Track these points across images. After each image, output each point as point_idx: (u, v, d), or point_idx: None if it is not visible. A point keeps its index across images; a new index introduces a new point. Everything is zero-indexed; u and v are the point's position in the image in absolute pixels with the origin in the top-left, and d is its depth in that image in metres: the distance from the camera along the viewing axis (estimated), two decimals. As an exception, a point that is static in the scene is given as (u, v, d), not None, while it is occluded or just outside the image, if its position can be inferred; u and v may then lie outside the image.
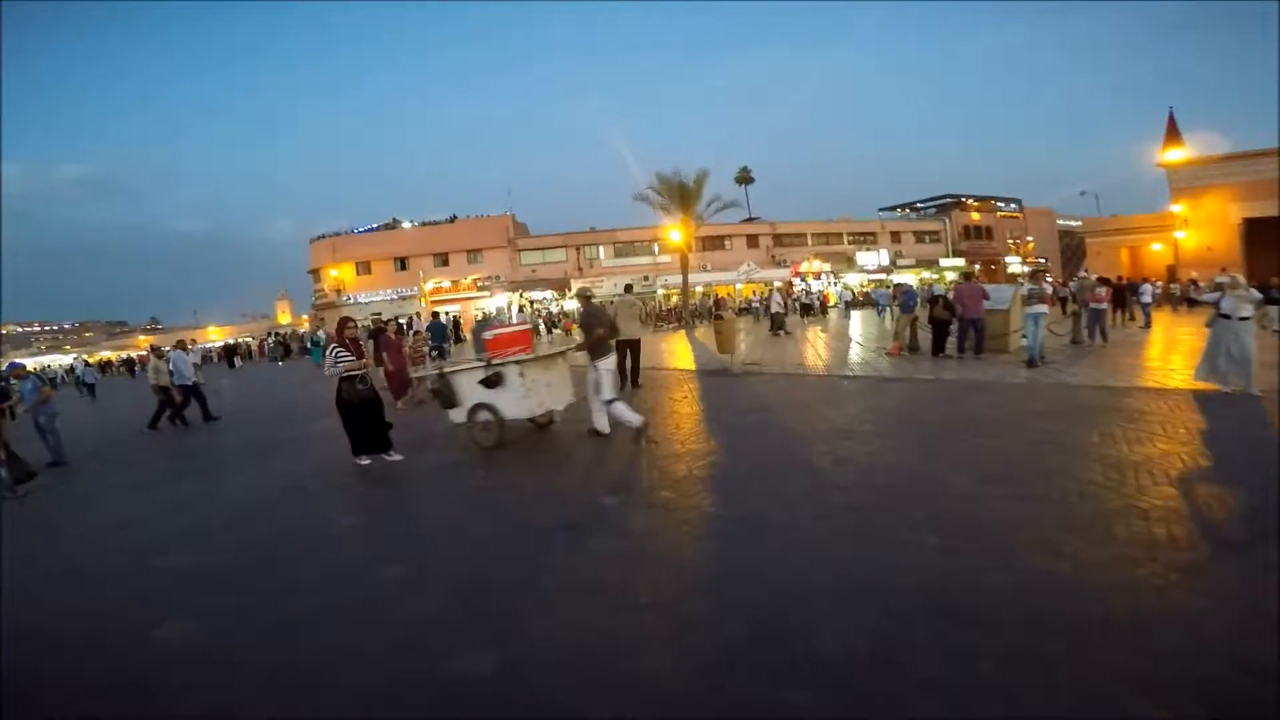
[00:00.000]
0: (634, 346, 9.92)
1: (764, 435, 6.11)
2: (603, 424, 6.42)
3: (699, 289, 40.36)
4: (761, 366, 11.05)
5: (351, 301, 43.12)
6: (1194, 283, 25.35)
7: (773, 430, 6.30)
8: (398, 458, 6.24)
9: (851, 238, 47.74)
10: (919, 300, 11.61)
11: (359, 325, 6.60)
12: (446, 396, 6.55)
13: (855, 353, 12.74)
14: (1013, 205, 56.64)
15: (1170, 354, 10.56)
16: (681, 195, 28.48)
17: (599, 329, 6.28)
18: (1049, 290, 9.86)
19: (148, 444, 9.52)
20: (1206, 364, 7.15)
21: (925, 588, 2.88)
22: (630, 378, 9.75)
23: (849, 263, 44.81)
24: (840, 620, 2.67)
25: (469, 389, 6.43)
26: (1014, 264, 48.80)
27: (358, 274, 44.70)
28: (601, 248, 42.80)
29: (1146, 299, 15.82)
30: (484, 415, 6.34)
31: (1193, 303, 24.24)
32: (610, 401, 6.16)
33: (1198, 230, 29.29)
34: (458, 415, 6.52)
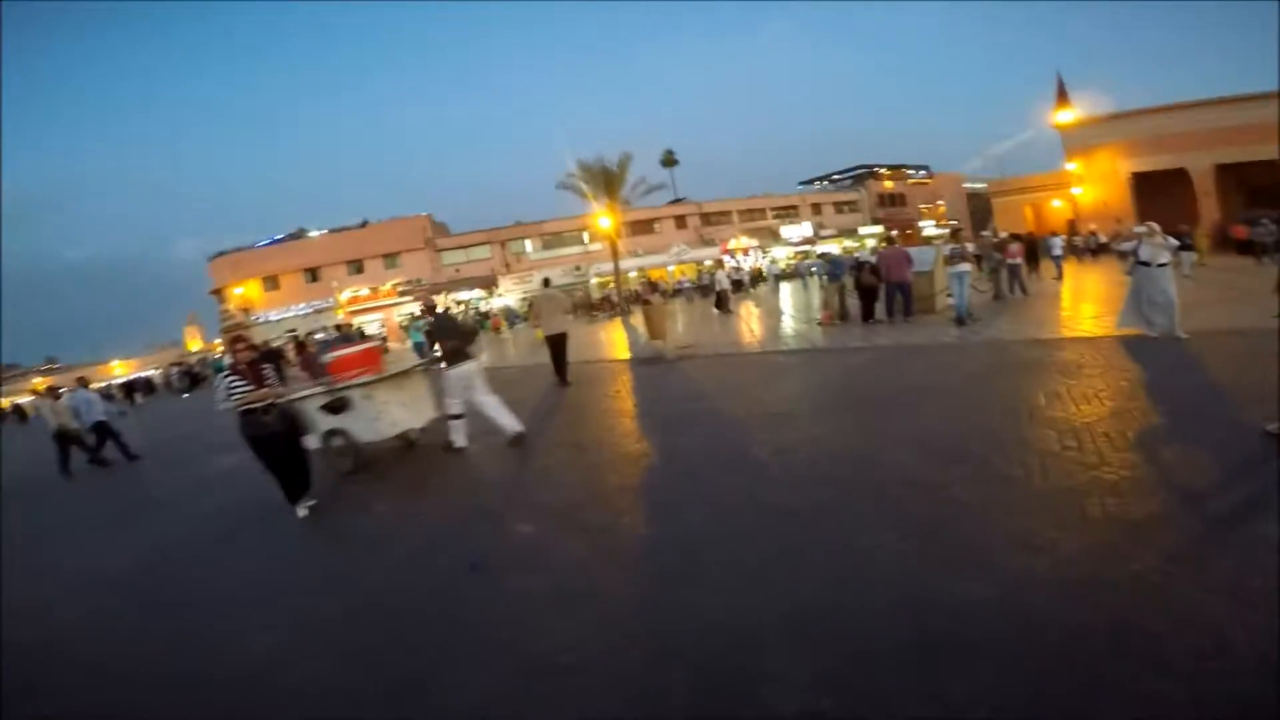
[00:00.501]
0: (560, 341, 9.44)
1: (699, 428, 5.56)
2: (459, 439, 6.10)
3: (632, 274, 39.84)
4: (696, 349, 10.57)
5: (262, 320, 40.14)
6: (1093, 234, 26.87)
7: (708, 421, 5.76)
8: (304, 508, 4.84)
9: (775, 212, 48.28)
10: (845, 268, 11.38)
11: (263, 343, 5.57)
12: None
13: (788, 325, 12.48)
14: (922, 172, 58.96)
15: (1086, 303, 10.78)
16: (606, 181, 27.70)
17: (449, 341, 5.87)
18: (970, 249, 9.80)
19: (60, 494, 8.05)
20: (1130, 311, 7.14)
21: (894, 611, 2.37)
22: (559, 375, 9.32)
23: (775, 237, 45.32)
24: (799, 668, 2.13)
25: (315, 415, 5.76)
26: (928, 228, 50.74)
27: (265, 289, 41.65)
28: (528, 241, 41.48)
29: (1057, 252, 16.38)
30: (338, 441, 5.87)
31: (1095, 252, 25.72)
32: (456, 416, 5.93)
33: (1093, 186, 31.02)
34: (311, 441, 5.64)
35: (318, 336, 22.39)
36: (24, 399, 28.98)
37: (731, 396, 6.68)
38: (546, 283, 11.03)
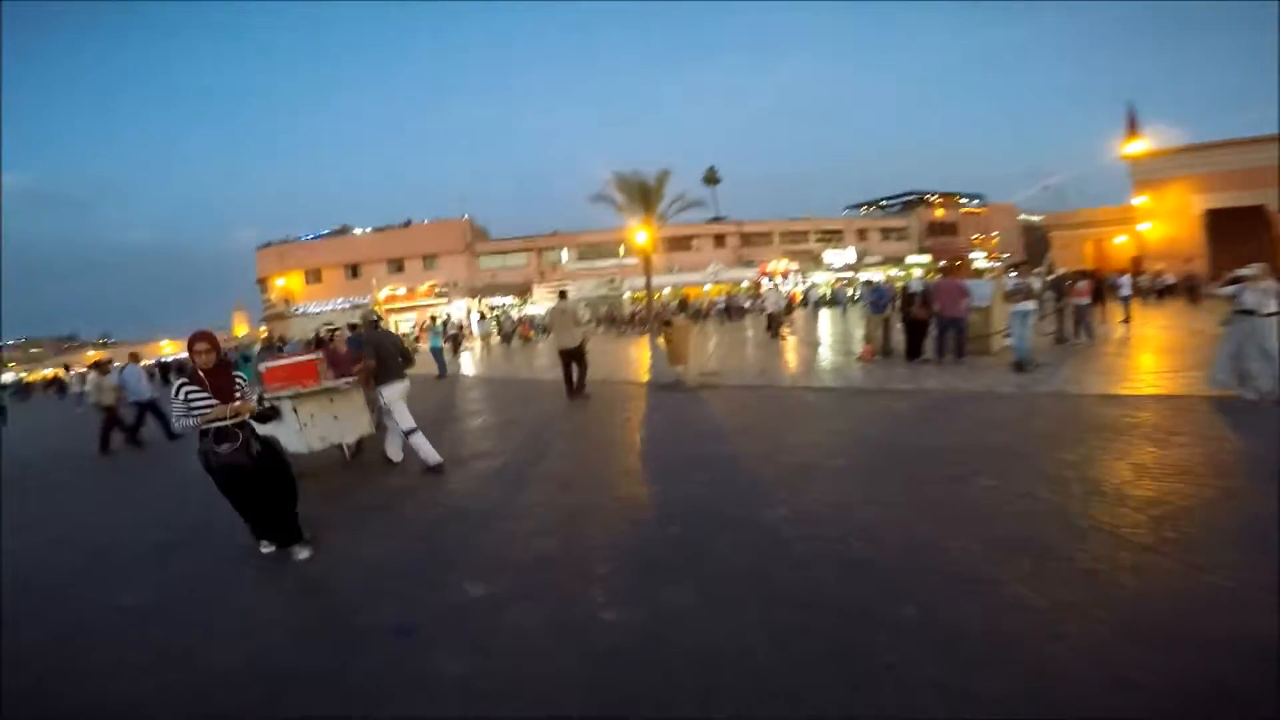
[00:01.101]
0: (576, 356, 9.15)
1: (706, 476, 4.80)
2: (394, 451, 6.17)
3: (666, 291, 39.24)
4: (720, 378, 9.79)
5: (300, 312, 41.00)
6: (1160, 275, 25.10)
7: (719, 467, 5.00)
8: (304, 555, 3.93)
9: (818, 236, 47.13)
10: (890, 298, 10.46)
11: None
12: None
13: (824, 358, 11.60)
14: (975, 201, 56.95)
15: (1165, 353, 9.61)
16: (643, 195, 27.21)
17: (369, 360, 5.67)
18: (1036, 285, 8.80)
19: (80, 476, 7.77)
20: (1226, 367, 6.11)
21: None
22: (576, 387, 9.17)
23: (816, 261, 44.14)
24: None
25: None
26: (978, 259, 48.75)
27: (307, 283, 42.59)
28: (564, 251, 41.36)
29: (1126, 291, 15.04)
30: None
31: (1161, 294, 24.00)
32: (410, 431, 5.71)
33: (1161, 222, 29.15)
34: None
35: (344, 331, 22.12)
36: (71, 372, 29.71)
37: (751, 439, 5.91)
38: (563, 295, 10.47)
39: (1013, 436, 5.24)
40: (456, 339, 21.82)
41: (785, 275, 40.12)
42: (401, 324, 37.77)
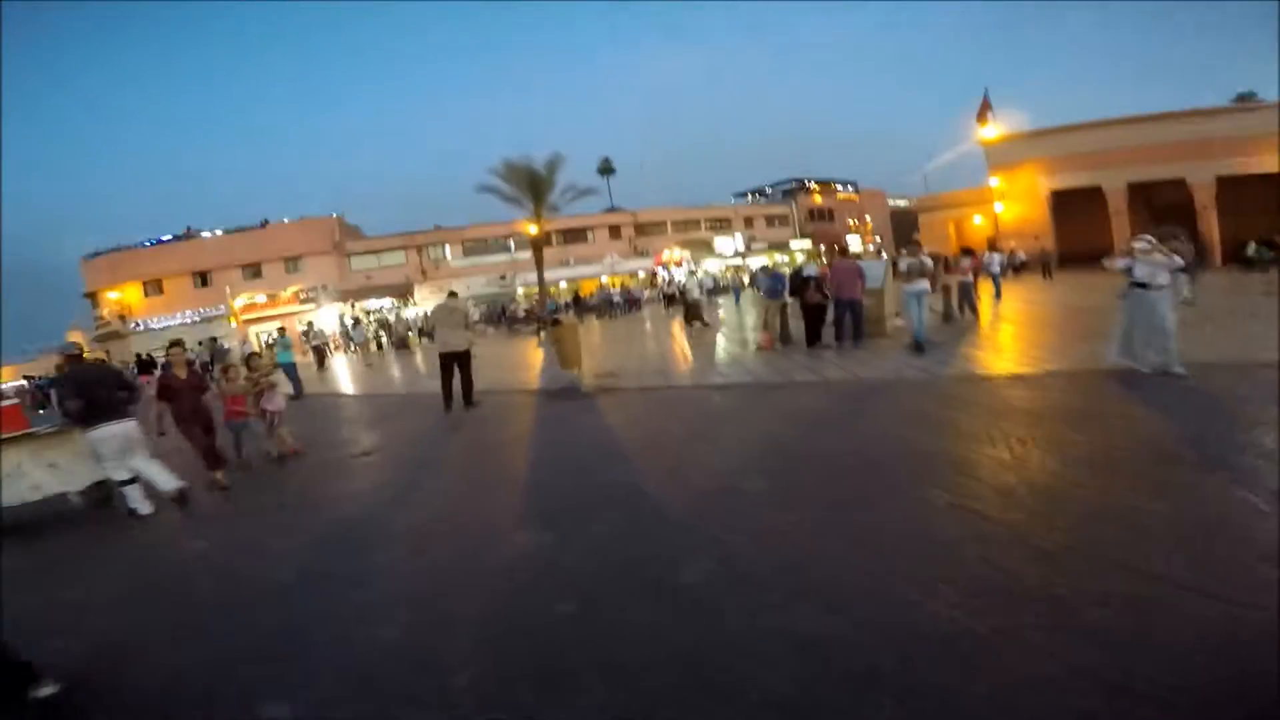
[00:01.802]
0: (460, 360, 8.22)
1: (602, 515, 3.82)
2: (141, 505, 5.21)
3: (562, 285, 37.93)
4: (617, 379, 8.87)
5: (141, 328, 35.62)
6: (1014, 252, 27.32)
7: (621, 501, 4.04)
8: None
9: (709, 224, 47.66)
10: (785, 284, 10.01)
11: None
12: None
13: (722, 349, 11.03)
14: (849, 187, 60.15)
15: (1047, 328, 9.90)
16: (533, 184, 25.72)
17: (69, 401, 5.09)
18: (929, 264, 8.63)
19: None
20: (1121, 342, 6.04)
21: None
22: (462, 397, 8.25)
23: (708, 249, 44.59)
24: None
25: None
26: (855, 244, 51.47)
27: (146, 295, 37.07)
28: (448, 247, 38.75)
29: (995, 269, 15.80)
30: None
31: (1017, 270, 26.10)
32: (125, 482, 5.16)
33: (1013, 202, 31.79)
34: None
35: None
36: None
37: (656, 456, 5.01)
38: (453, 294, 9.32)
39: (938, 433, 4.71)
40: (320, 350, 19.39)
41: (679, 264, 40.09)
42: (263, 335, 33.75)
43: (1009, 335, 9.34)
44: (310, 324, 23.75)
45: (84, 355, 5.80)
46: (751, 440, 5.12)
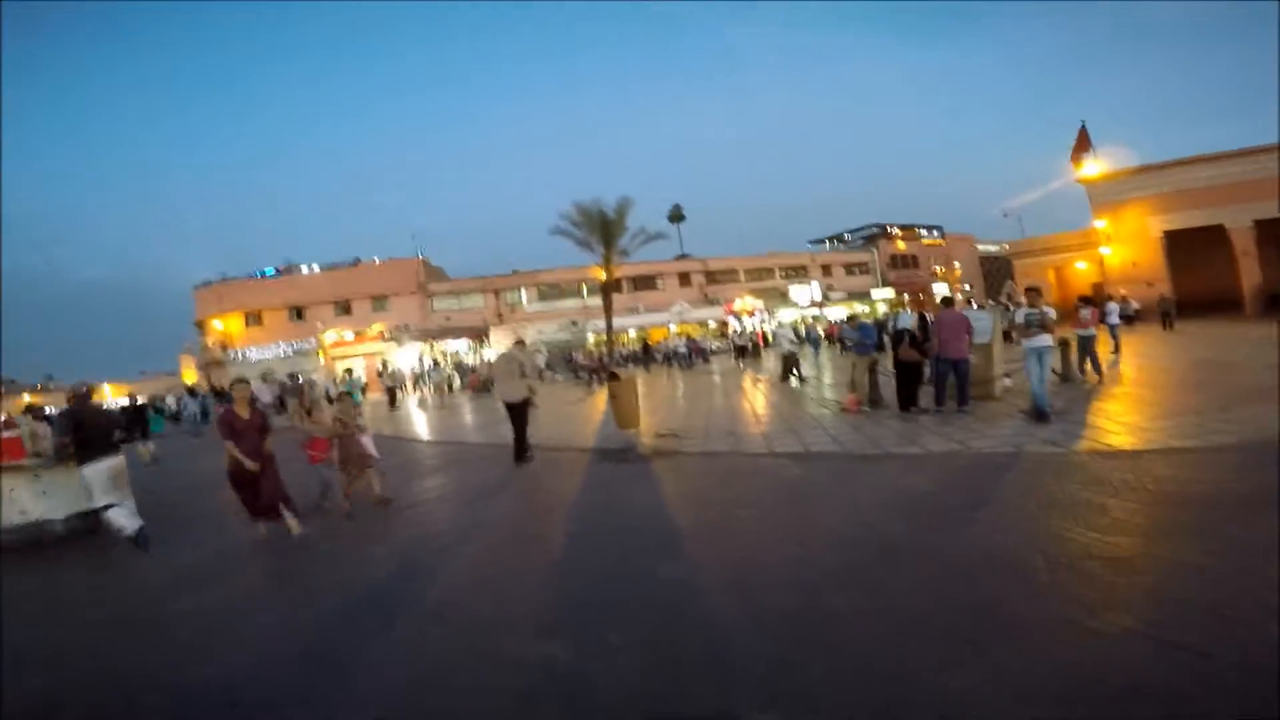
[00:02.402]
0: (517, 412, 7.88)
1: (645, 637, 2.97)
2: (128, 524, 5.52)
3: (631, 333, 37.75)
4: (679, 440, 8.02)
5: (238, 359, 38.17)
6: (1125, 300, 24.59)
7: (666, 616, 3.16)
8: None
9: (783, 272, 46.54)
10: (875, 337, 8.93)
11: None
12: None
13: (801, 409, 9.97)
14: (935, 232, 57.50)
15: (1184, 388, 8.28)
16: (603, 227, 25.83)
17: (62, 437, 5.85)
18: (1052, 315, 7.35)
19: None
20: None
21: None
22: (515, 452, 7.92)
23: (782, 298, 43.36)
24: None
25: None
26: (942, 292, 48.69)
27: (247, 325, 39.82)
28: (524, 291, 39.62)
29: (1114, 319, 13.90)
30: None
31: (1130, 320, 23.38)
32: (106, 508, 5.54)
33: (1120, 245, 28.94)
34: None
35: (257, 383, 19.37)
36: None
37: (715, 547, 4.12)
38: (520, 343, 9.01)
39: (1091, 527, 3.58)
40: (393, 391, 19.66)
41: (752, 313, 39.06)
42: (351, 368, 35.27)
43: (1142, 398, 7.80)
44: (384, 363, 24.36)
45: (92, 395, 6.37)
46: (837, 533, 4.13)
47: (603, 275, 26.80)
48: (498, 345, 36.36)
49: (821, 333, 25.76)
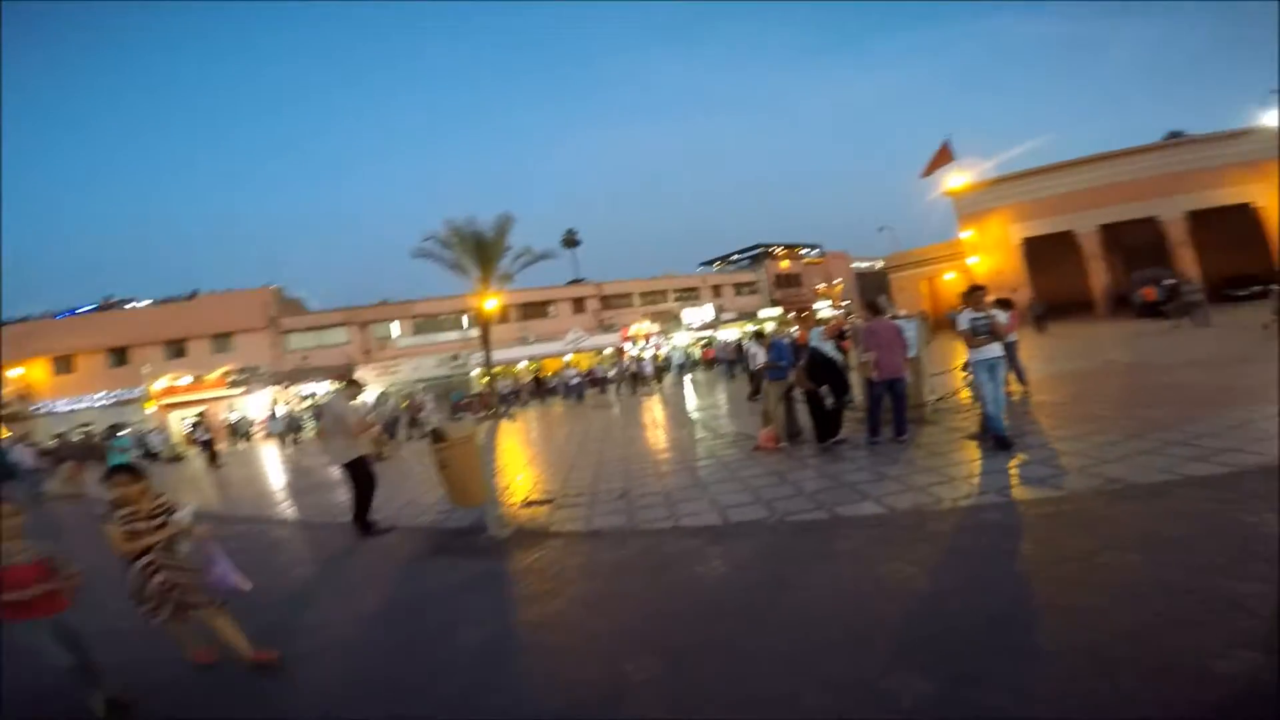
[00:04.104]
0: (356, 474, 6.05)
1: None
2: None
3: (521, 365, 35.03)
4: (556, 511, 5.87)
5: (44, 411, 31.13)
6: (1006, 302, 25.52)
7: None
8: None
9: (677, 295, 45.91)
10: (789, 356, 7.29)
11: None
12: None
13: (707, 448, 8.16)
14: (815, 250, 59.84)
15: (1123, 395, 7.38)
16: (479, 248, 23.16)
17: None
18: (1002, 320, 6.06)
19: None
20: None
21: None
22: (355, 517, 6.13)
23: (677, 321, 42.56)
24: None
25: None
26: (824, 308, 50.09)
27: (55, 372, 32.71)
28: (396, 324, 35.67)
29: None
30: None
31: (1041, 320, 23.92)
32: None
33: (985, 254, 30.52)
34: None
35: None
36: None
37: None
38: (352, 383, 6.60)
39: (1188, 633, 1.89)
40: (210, 445, 15.93)
41: (648, 338, 37.72)
42: (184, 423, 29.68)
43: (1088, 411, 6.70)
44: (201, 415, 20.01)
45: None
46: (794, 672, 2.20)
47: (486, 307, 24.10)
48: (366, 387, 32.27)
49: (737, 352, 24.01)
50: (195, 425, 18.27)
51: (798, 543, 4.05)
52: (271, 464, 15.66)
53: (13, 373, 31.86)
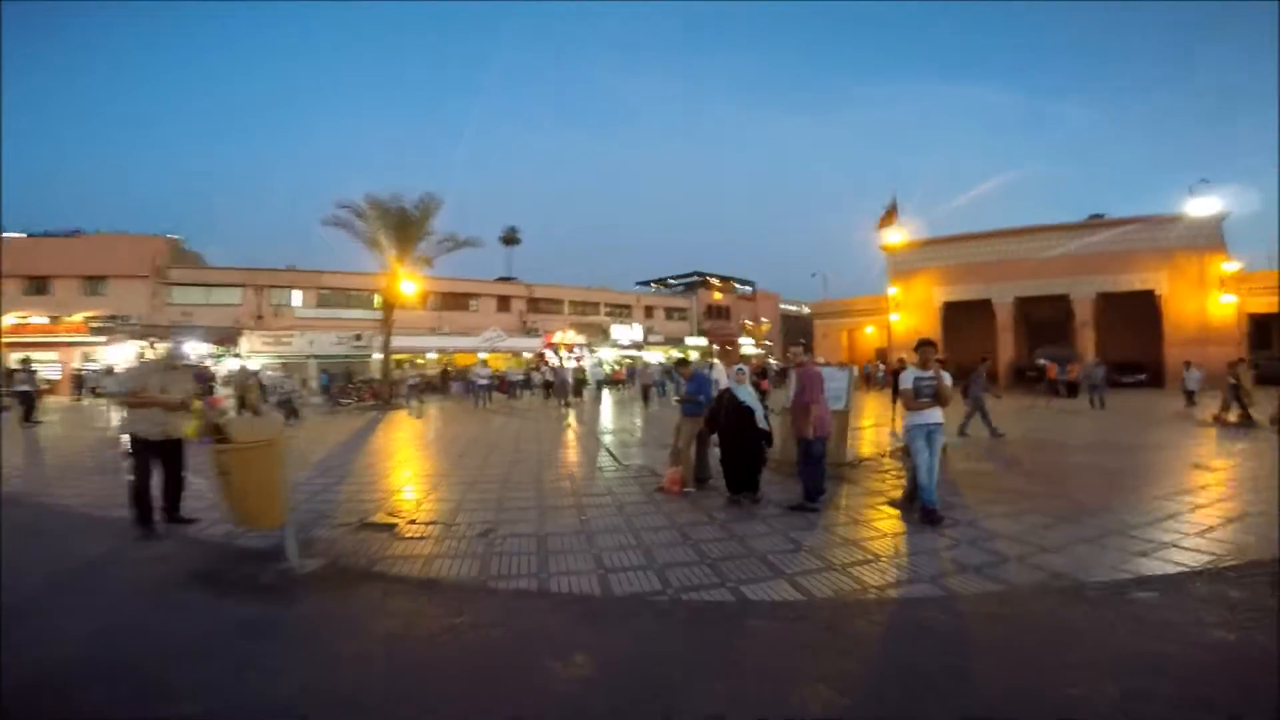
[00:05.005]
0: (165, 455, 4.92)
1: None
2: None
3: (431, 355, 32.80)
4: (390, 537, 4.66)
5: None
6: (902, 364, 26.13)
7: None
8: None
9: (608, 309, 44.99)
10: (711, 388, 6.41)
11: None
12: None
13: (605, 479, 7.12)
14: (748, 287, 60.78)
15: (1052, 469, 7.00)
16: (399, 225, 21.27)
17: None
18: (948, 382, 5.42)
19: None
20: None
21: None
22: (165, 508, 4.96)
23: (604, 335, 41.58)
24: None
25: None
26: (747, 345, 50.63)
27: None
28: (298, 292, 32.53)
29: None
30: None
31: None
32: None
33: (907, 313, 31.48)
34: None
35: None
36: None
37: None
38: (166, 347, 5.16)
39: None
40: (29, 397, 13.34)
41: (571, 348, 36.45)
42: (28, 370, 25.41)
43: (1015, 482, 6.24)
44: (23, 361, 16.81)
45: None
46: None
47: (403, 289, 22.13)
48: (252, 355, 29.03)
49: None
50: (13, 372, 15.26)
51: (693, 637, 3.06)
52: (99, 427, 13.19)
53: None
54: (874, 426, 11.99)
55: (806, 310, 51.93)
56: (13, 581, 3.65)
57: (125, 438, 4.96)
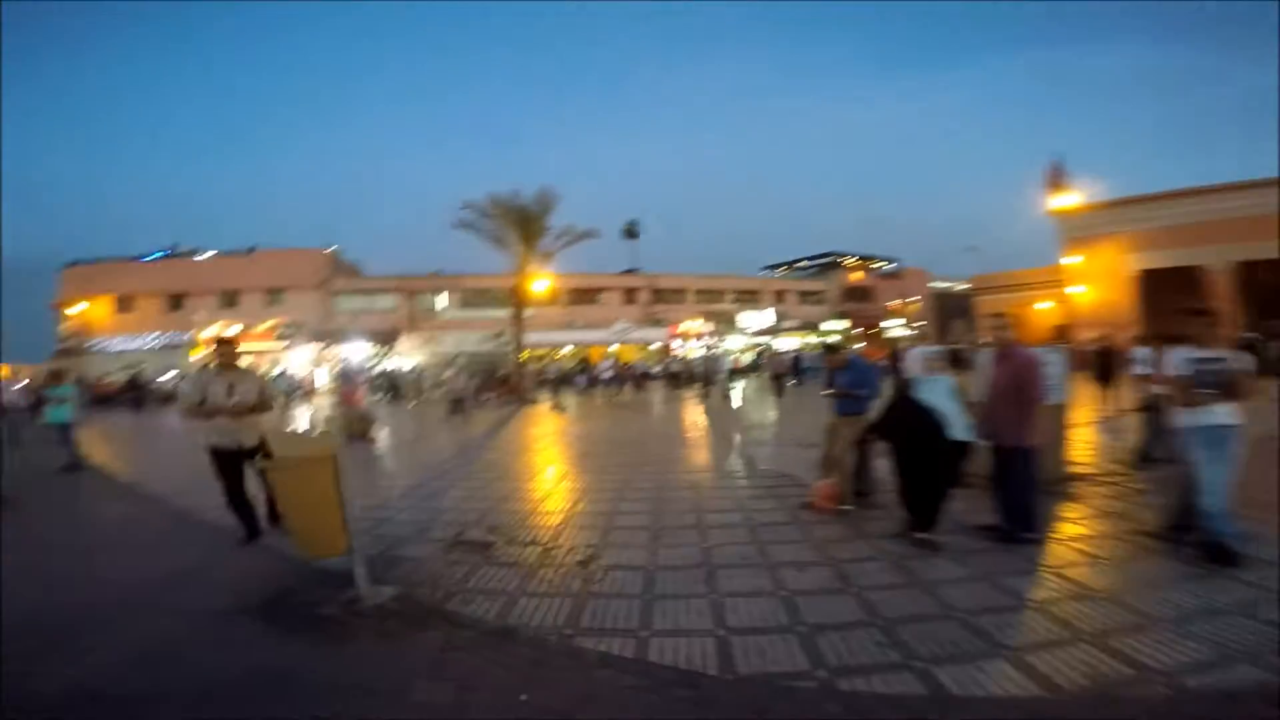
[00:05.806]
0: (229, 462, 4.51)
1: None
2: None
3: (566, 350, 33.55)
4: (484, 559, 4.00)
5: (96, 348, 32.12)
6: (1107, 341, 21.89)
7: None
8: None
9: (735, 296, 43.36)
10: (878, 383, 5.01)
11: None
12: None
13: (735, 491, 6.05)
14: (893, 265, 55.79)
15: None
16: (522, 222, 21.68)
17: None
18: (1249, 363, 3.67)
19: None
20: None
21: None
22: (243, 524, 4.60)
23: (731, 323, 40.06)
24: None
25: None
26: (894, 327, 46.20)
27: (117, 311, 33.80)
28: (444, 295, 34.79)
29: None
30: None
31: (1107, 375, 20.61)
32: None
33: (1092, 284, 26.63)
34: None
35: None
36: None
37: None
38: (224, 343, 4.89)
39: None
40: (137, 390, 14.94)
41: (699, 337, 35.46)
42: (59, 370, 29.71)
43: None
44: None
45: None
46: None
47: (534, 288, 22.71)
48: (407, 354, 31.48)
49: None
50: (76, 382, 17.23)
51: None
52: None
53: (76, 308, 33.04)
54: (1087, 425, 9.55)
55: (961, 287, 46.41)
56: (86, 594, 3.46)
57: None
